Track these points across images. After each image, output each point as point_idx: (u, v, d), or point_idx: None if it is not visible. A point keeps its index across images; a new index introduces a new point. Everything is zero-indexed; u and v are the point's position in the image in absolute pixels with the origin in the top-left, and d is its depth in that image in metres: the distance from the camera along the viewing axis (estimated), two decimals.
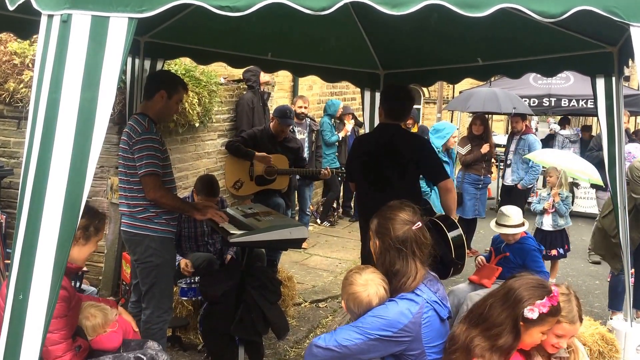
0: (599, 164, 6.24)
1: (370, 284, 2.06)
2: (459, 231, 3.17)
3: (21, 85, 4.35)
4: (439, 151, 5.94)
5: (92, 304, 2.51)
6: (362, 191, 3.61)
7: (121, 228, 3.17)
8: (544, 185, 5.82)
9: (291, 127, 6.00)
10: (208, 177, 4.13)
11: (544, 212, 5.41)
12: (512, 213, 3.81)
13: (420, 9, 1.63)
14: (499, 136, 13.34)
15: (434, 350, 2.04)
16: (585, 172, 5.45)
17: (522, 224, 3.81)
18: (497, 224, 3.84)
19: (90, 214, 2.42)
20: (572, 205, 9.16)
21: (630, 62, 2.86)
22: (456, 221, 3.30)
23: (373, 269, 2.14)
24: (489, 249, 4.05)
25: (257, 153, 4.97)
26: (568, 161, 5.43)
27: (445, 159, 5.67)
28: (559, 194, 5.33)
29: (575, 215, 9.21)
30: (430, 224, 3.29)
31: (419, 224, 2.14)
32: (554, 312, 1.95)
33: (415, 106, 15.60)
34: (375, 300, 2.04)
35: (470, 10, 1.63)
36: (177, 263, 3.87)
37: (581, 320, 2.12)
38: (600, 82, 3.10)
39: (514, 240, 3.81)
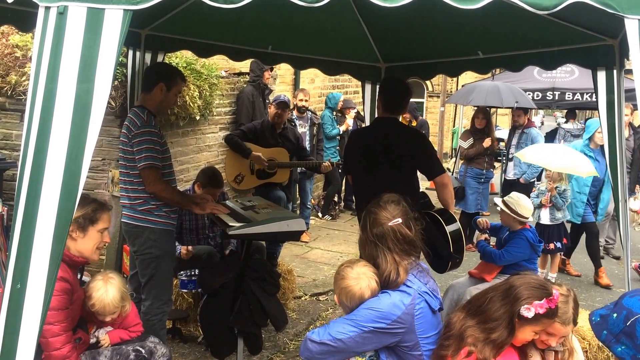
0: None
1: (362, 277, 2.07)
2: (457, 225, 3.18)
3: (23, 78, 4.36)
4: (585, 145, 5.61)
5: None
6: (359, 184, 3.62)
7: (122, 220, 3.20)
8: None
9: (292, 119, 6.01)
10: (210, 169, 4.15)
11: (541, 206, 5.40)
12: (523, 203, 3.82)
13: (415, 2, 1.62)
14: (504, 130, 13.29)
15: (427, 342, 2.04)
16: (577, 167, 5.37)
17: (523, 217, 3.81)
18: (504, 202, 3.84)
19: (80, 204, 2.25)
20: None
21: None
22: (454, 215, 3.31)
23: (365, 263, 2.15)
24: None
25: (253, 152, 5.00)
26: (558, 158, 5.29)
27: (591, 154, 5.47)
28: (556, 187, 5.32)
29: None
30: (428, 218, 3.31)
31: (398, 220, 2.12)
32: (550, 315, 1.97)
33: (418, 100, 15.57)
34: (368, 293, 2.05)
35: (464, 2, 1.62)
36: (177, 252, 3.89)
37: (575, 323, 2.14)
38: (602, 75, 3.08)
39: (513, 227, 3.82)
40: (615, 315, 1.57)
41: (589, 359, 3.52)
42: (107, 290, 2.43)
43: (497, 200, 3.95)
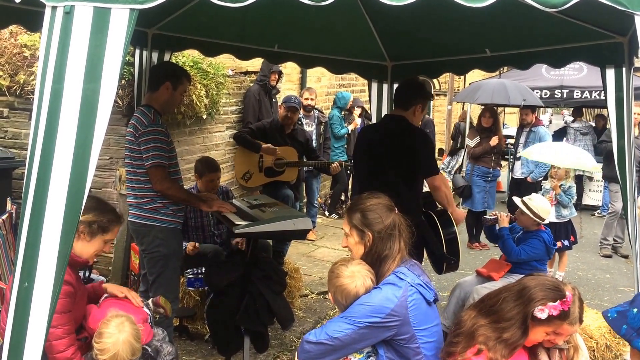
0: (608, 155, 6.16)
1: (357, 276, 2.08)
2: (454, 228, 3.19)
3: (32, 78, 4.39)
4: None
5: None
6: (363, 181, 3.61)
7: (129, 219, 3.21)
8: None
9: (299, 118, 6.02)
10: (203, 157, 4.25)
11: None
12: (543, 205, 3.81)
13: (422, 0, 1.61)
14: (512, 128, 13.22)
15: (424, 334, 2.05)
16: (582, 162, 5.34)
17: (542, 219, 3.79)
18: (522, 201, 3.84)
19: (99, 211, 2.32)
20: (583, 198, 9.14)
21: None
22: (452, 218, 3.31)
23: (359, 261, 2.16)
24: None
25: (263, 145, 5.00)
26: (565, 155, 5.28)
27: None
28: (561, 185, 5.28)
29: (586, 209, 9.15)
30: (425, 218, 3.31)
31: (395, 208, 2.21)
32: (562, 317, 1.96)
33: None
34: (362, 291, 2.06)
35: (471, 0, 1.61)
36: (183, 248, 3.90)
37: (581, 321, 2.13)
38: (610, 73, 3.05)
39: (527, 227, 3.80)
40: (635, 310, 1.57)
41: (596, 357, 3.50)
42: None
43: (517, 200, 3.93)
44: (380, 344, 2.06)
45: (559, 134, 9.76)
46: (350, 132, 7.33)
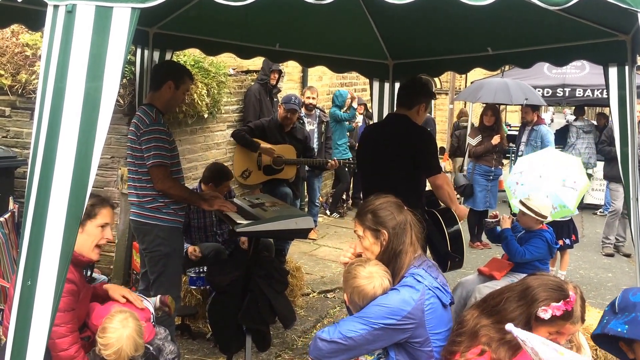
0: (613, 159, 6.13)
1: (375, 276, 2.06)
2: (458, 226, 3.19)
3: (33, 77, 4.40)
4: None
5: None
6: (367, 180, 3.62)
7: (130, 217, 3.22)
8: None
9: (300, 117, 6.02)
10: (213, 166, 4.17)
11: None
12: (542, 203, 3.78)
13: None
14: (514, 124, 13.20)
15: (438, 337, 2.04)
16: (563, 200, 4.65)
17: (543, 217, 3.78)
18: (521, 202, 3.82)
19: None
20: (585, 197, 9.10)
21: None
22: (455, 216, 3.31)
23: (376, 261, 2.14)
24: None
25: (262, 145, 5.01)
26: (542, 195, 4.36)
27: None
28: None
29: (588, 208, 9.14)
30: (428, 216, 3.31)
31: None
32: (566, 317, 1.96)
33: None
34: (380, 292, 2.05)
35: None
36: (185, 250, 3.91)
37: (583, 320, 2.13)
38: (613, 72, 3.04)
39: (530, 227, 3.79)
40: None
41: (599, 357, 3.49)
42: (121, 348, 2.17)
43: (515, 202, 3.90)
44: (392, 346, 2.05)
45: (561, 133, 9.74)
46: (355, 123, 7.30)
